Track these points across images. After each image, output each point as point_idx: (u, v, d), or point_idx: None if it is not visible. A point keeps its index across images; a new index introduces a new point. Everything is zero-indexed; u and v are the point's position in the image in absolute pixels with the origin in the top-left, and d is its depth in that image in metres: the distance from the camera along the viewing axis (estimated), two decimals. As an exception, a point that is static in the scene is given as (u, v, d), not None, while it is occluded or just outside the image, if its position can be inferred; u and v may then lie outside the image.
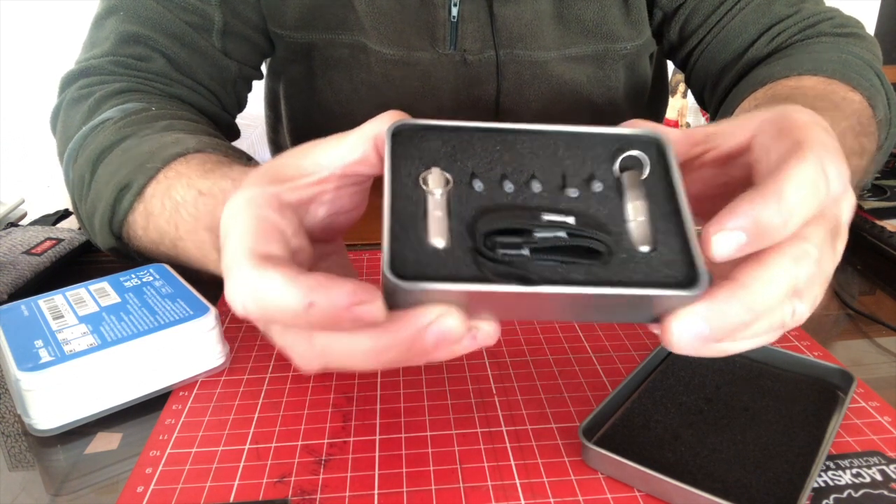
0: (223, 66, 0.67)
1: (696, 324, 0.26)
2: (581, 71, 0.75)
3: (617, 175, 0.30)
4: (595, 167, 0.30)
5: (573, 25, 0.72)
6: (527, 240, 0.27)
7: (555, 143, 0.30)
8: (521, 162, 0.30)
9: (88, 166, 0.52)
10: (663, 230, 0.29)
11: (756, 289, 0.27)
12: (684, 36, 0.74)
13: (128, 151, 0.51)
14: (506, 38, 0.71)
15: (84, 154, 0.53)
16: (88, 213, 0.52)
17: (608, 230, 0.28)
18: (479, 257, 0.27)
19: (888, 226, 0.57)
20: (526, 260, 0.27)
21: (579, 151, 0.30)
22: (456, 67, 0.73)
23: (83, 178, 0.53)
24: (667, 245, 0.28)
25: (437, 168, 0.28)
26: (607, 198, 0.29)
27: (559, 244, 0.28)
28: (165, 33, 0.63)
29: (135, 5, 0.63)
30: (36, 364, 0.36)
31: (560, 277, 0.27)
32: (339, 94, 0.77)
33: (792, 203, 0.27)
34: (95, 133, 0.55)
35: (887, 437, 0.36)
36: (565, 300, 0.27)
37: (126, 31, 0.62)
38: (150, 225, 0.48)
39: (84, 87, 0.60)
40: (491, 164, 0.29)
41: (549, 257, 0.27)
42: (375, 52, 0.72)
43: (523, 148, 0.30)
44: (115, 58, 0.62)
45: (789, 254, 0.27)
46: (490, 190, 0.29)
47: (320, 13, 0.70)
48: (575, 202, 0.29)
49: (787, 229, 0.27)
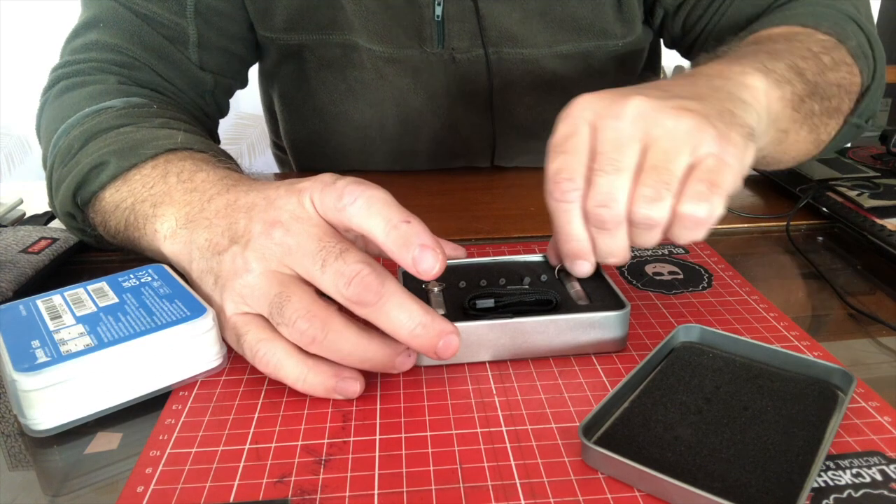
0: (199, 79, 0.68)
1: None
2: (572, 67, 0.76)
3: (557, 272, 0.47)
4: (542, 271, 0.48)
5: (565, 23, 0.72)
6: (496, 300, 0.44)
7: (515, 263, 0.49)
8: (491, 272, 0.47)
9: (81, 139, 0.53)
10: (595, 292, 0.45)
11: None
12: (686, 29, 0.75)
13: (122, 135, 0.52)
14: (494, 36, 0.71)
15: (80, 129, 0.54)
16: (61, 177, 0.53)
17: (555, 295, 0.44)
18: (464, 312, 0.43)
19: (888, 225, 0.57)
20: (495, 310, 0.43)
21: (532, 265, 0.49)
22: (446, 65, 0.74)
23: (71, 148, 0.53)
24: (599, 298, 0.44)
25: (433, 280, 0.41)
26: (552, 283, 0.47)
27: (519, 299, 0.44)
28: (144, 46, 0.64)
29: (115, 18, 0.63)
30: (32, 365, 0.36)
31: (513, 313, 0.42)
32: (334, 94, 0.77)
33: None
34: (96, 115, 0.56)
35: (887, 437, 0.36)
36: (526, 329, 0.42)
37: (108, 41, 0.63)
38: (125, 187, 0.49)
39: (76, 74, 0.61)
40: (471, 276, 0.47)
41: (514, 308, 0.43)
42: (367, 50, 0.72)
43: (493, 267, 0.48)
44: (101, 64, 0.62)
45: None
46: (470, 286, 0.46)
47: (309, 14, 0.70)
48: (530, 285, 0.46)
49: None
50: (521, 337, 0.42)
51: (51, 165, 0.56)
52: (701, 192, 0.37)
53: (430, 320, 0.36)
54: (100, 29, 0.64)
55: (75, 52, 0.64)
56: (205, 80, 0.68)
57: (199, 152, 0.50)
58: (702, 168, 0.38)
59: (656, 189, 0.37)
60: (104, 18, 0.64)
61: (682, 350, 0.42)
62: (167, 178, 0.47)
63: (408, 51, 0.72)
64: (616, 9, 0.72)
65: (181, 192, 0.45)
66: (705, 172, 0.38)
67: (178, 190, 0.46)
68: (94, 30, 0.64)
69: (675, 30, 0.75)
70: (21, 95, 2.01)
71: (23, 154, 2.13)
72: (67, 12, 1.72)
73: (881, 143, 0.73)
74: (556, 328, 0.42)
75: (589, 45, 0.74)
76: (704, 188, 0.37)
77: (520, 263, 0.49)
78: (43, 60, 0.71)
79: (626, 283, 0.52)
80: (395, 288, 0.36)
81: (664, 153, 0.38)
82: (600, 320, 0.42)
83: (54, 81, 0.63)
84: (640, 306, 0.49)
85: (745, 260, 0.57)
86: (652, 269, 0.55)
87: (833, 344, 0.44)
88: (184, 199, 0.45)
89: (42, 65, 0.72)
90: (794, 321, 0.46)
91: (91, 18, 0.64)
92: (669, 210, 0.38)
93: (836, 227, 0.63)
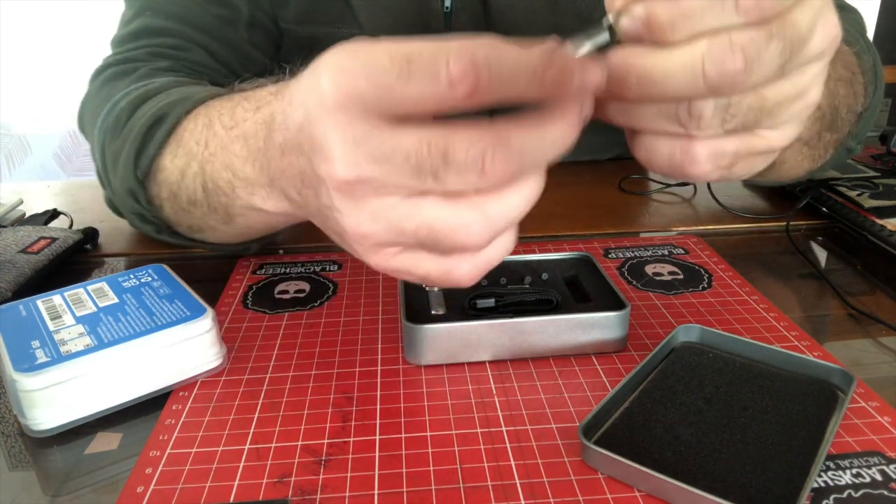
0: (253, 59, 0.68)
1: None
2: None
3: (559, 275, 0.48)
4: (543, 270, 0.48)
5: (568, 14, 0.72)
6: (497, 300, 0.44)
7: (516, 262, 0.49)
8: (492, 272, 0.40)
9: (128, 109, 0.51)
10: (595, 292, 0.45)
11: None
12: None
13: (170, 95, 0.50)
14: (500, 28, 0.72)
15: (126, 100, 0.52)
16: (116, 151, 0.50)
17: (555, 295, 0.45)
18: (464, 311, 0.43)
19: (888, 225, 0.57)
20: (495, 309, 0.43)
21: (532, 265, 0.49)
22: None
23: (119, 120, 0.51)
24: (599, 299, 0.45)
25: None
26: (554, 282, 0.47)
27: (520, 299, 0.44)
28: (196, 27, 0.63)
29: (161, 2, 0.63)
30: (32, 365, 0.36)
31: (512, 313, 0.42)
32: None
33: (687, 4, 0.27)
34: (143, 86, 0.54)
35: (887, 437, 0.36)
36: (526, 328, 0.42)
37: (158, 26, 0.62)
38: (180, 150, 0.46)
39: (126, 62, 0.60)
40: None
41: (514, 308, 0.44)
42: None
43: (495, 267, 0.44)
44: (152, 48, 0.61)
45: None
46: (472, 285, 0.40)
47: (319, 7, 0.71)
48: (531, 284, 0.46)
49: (676, 34, 0.27)
50: (522, 337, 0.42)
51: (101, 145, 0.53)
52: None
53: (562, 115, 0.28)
54: (147, 16, 0.63)
55: (124, 43, 0.63)
56: (257, 58, 0.68)
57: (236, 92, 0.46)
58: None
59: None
60: (150, 5, 0.63)
61: (682, 350, 0.42)
62: (213, 126, 0.43)
63: None
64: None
65: (237, 143, 0.40)
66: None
67: (232, 141, 0.41)
68: (141, 17, 0.63)
69: None
70: (21, 95, 2.01)
71: (23, 154, 2.13)
72: (68, 12, 1.72)
73: (881, 143, 0.73)
74: (556, 328, 0.42)
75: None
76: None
77: (520, 263, 0.49)
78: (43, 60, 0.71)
79: (626, 283, 0.52)
80: (513, 122, 0.27)
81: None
82: (600, 320, 0.42)
83: (102, 69, 0.61)
84: (640, 306, 0.49)
85: (745, 260, 0.57)
86: (652, 269, 0.55)
87: (833, 344, 0.44)
88: (243, 153, 0.40)
89: (42, 65, 0.72)
90: (794, 321, 0.46)
91: (139, 7, 0.64)
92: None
93: (836, 227, 0.63)
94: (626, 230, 0.64)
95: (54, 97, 1.97)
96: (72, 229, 0.61)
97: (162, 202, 0.50)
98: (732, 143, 0.31)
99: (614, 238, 0.61)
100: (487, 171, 0.27)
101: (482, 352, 0.42)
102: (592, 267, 0.49)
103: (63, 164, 2.14)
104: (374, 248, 0.31)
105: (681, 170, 0.31)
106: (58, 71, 1.90)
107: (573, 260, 0.50)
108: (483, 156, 0.27)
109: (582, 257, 0.50)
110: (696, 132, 0.30)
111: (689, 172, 0.31)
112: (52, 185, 0.83)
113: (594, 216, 0.66)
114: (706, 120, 0.29)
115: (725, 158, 0.31)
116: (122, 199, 0.52)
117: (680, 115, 0.30)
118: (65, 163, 2.14)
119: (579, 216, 0.66)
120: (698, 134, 0.30)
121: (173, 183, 0.47)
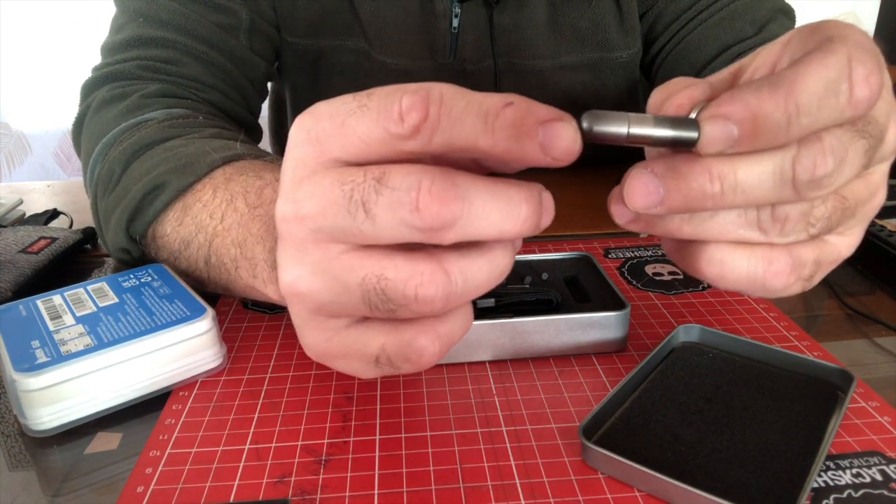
0: (254, 65, 0.67)
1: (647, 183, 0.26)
2: (577, 79, 0.76)
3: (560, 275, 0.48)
4: (543, 270, 0.48)
5: (568, 33, 0.72)
6: (497, 300, 0.43)
7: (516, 262, 0.45)
8: None
9: (121, 161, 0.49)
10: (595, 292, 0.45)
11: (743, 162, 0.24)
12: (648, 42, 0.74)
13: (171, 150, 0.48)
14: (504, 47, 0.72)
15: (119, 149, 0.50)
16: (108, 208, 0.49)
17: (555, 295, 0.45)
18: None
19: (888, 225, 0.57)
20: (495, 309, 0.43)
21: (532, 265, 0.49)
22: (455, 77, 0.74)
23: (112, 172, 0.50)
24: (599, 299, 0.45)
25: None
26: (554, 282, 0.47)
27: (520, 299, 0.44)
28: (194, 36, 0.61)
29: (156, 9, 0.60)
30: (32, 365, 0.36)
31: (513, 313, 0.42)
32: None
33: (802, 99, 0.23)
34: (135, 130, 0.52)
35: (887, 437, 0.36)
36: (526, 328, 0.42)
37: (151, 36, 0.60)
38: (187, 218, 0.44)
39: (116, 88, 0.58)
40: None
41: (514, 308, 0.43)
42: (379, 62, 0.72)
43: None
44: (143, 62, 0.59)
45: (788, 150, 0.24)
46: None
47: (328, 19, 0.70)
48: (531, 284, 0.46)
49: (791, 132, 0.23)
50: (522, 337, 0.42)
51: (93, 195, 0.52)
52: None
53: (526, 190, 0.25)
54: (140, 24, 0.60)
55: (115, 52, 0.60)
56: (258, 64, 0.67)
57: (256, 159, 0.46)
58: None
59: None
60: (143, 11, 0.60)
61: (682, 350, 0.42)
62: (234, 202, 0.42)
63: (420, 62, 0.72)
64: (617, 20, 0.72)
65: (257, 222, 0.40)
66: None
67: (253, 220, 0.40)
68: (134, 22, 0.61)
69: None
70: (21, 95, 2.01)
71: (23, 154, 2.13)
72: (68, 12, 1.73)
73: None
74: (556, 328, 0.42)
75: (593, 56, 0.74)
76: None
77: (520, 263, 0.49)
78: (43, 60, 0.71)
79: (626, 283, 0.52)
80: (471, 176, 0.24)
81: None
82: (600, 320, 0.42)
83: (92, 85, 0.59)
84: (640, 306, 0.49)
85: (744, 260, 0.57)
86: (652, 269, 0.55)
87: (833, 344, 0.44)
88: (261, 232, 0.39)
89: (42, 64, 0.72)
90: (794, 321, 0.46)
91: (131, 11, 0.61)
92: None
93: (835, 227, 0.63)
94: (626, 230, 0.64)
95: (54, 96, 1.97)
96: (72, 229, 0.61)
97: (158, 258, 0.49)
98: (812, 250, 0.28)
99: (614, 238, 0.61)
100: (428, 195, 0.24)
101: (482, 352, 0.42)
102: (592, 267, 0.49)
103: (63, 163, 2.14)
104: (313, 315, 0.27)
105: (762, 283, 0.27)
106: (58, 70, 1.90)
107: (573, 260, 0.50)
108: (420, 181, 0.23)
109: (582, 257, 0.50)
110: (778, 239, 0.27)
111: (770, 286, 0.28)
112: (52, 184, 0.83)
113: (594, 216, 0.66)
114: (791, 224, 0.26)
115: (807, 268, 0.28)
116: (115, 254, 0.51)
117: (761, 221, 0.26)
118: (65, 162, 2.14)
119: (579, 216, 0.66)
120: (780, 241, 0.27)
121: (175, 250, 0.46)
